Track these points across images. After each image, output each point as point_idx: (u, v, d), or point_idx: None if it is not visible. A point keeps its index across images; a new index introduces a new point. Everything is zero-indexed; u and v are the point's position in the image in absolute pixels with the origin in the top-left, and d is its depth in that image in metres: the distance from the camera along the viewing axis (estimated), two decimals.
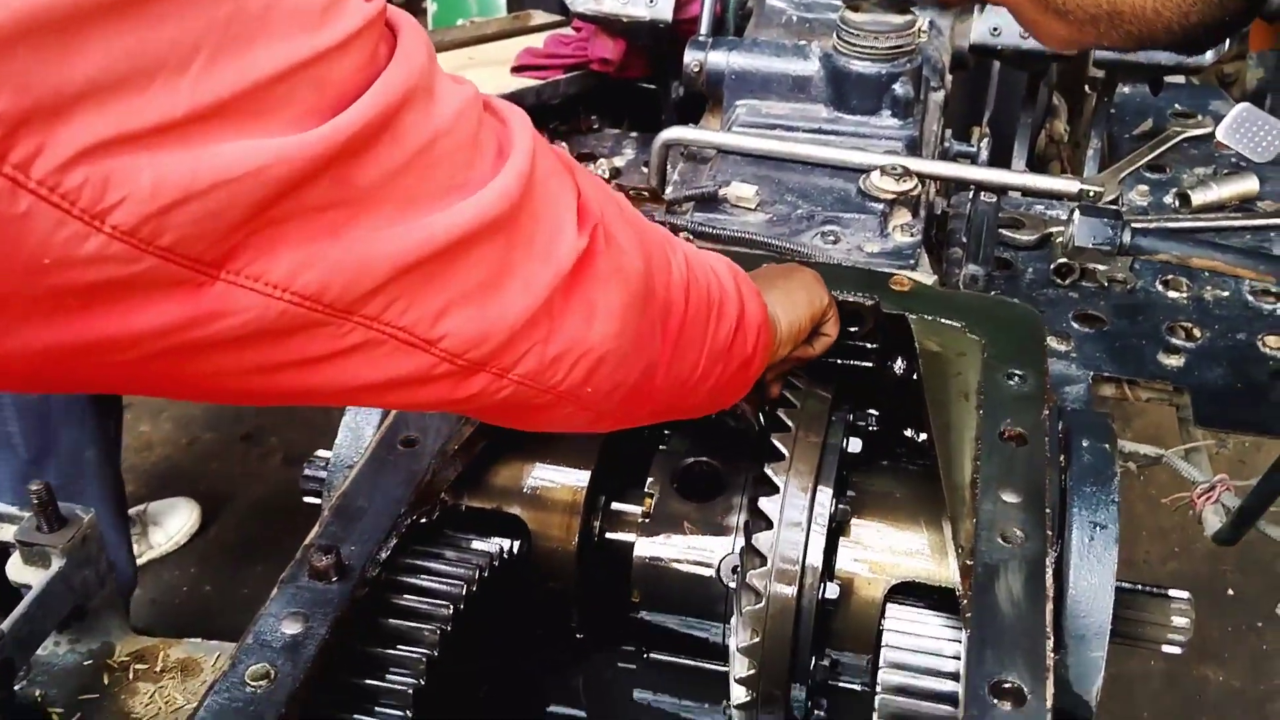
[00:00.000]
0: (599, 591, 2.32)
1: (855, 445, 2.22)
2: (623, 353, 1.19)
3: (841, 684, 2.24)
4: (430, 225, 0.89)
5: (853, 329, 2.49)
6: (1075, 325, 3.06)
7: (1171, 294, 3.16)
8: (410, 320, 0.93)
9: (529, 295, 1.02)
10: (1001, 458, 2.08)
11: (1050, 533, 1.94)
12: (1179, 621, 2.17)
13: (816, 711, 2.21)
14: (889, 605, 2.12)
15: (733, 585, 2.19)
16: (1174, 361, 3.07)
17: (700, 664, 2.33)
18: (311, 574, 1.87)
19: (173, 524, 4.27)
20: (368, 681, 1.86)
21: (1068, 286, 3.09)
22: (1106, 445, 2.23)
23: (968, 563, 1.89)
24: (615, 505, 2.35)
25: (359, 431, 2.25)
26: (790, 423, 2.17)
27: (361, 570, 1.90)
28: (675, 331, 1.33)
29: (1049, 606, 1.80)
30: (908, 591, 2.14)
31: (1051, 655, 1.72)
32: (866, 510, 2.21)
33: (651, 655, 2.34)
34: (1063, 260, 3.04)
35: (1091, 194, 2.77)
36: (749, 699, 2.12)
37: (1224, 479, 2.89)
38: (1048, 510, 1.98)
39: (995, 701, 1.66)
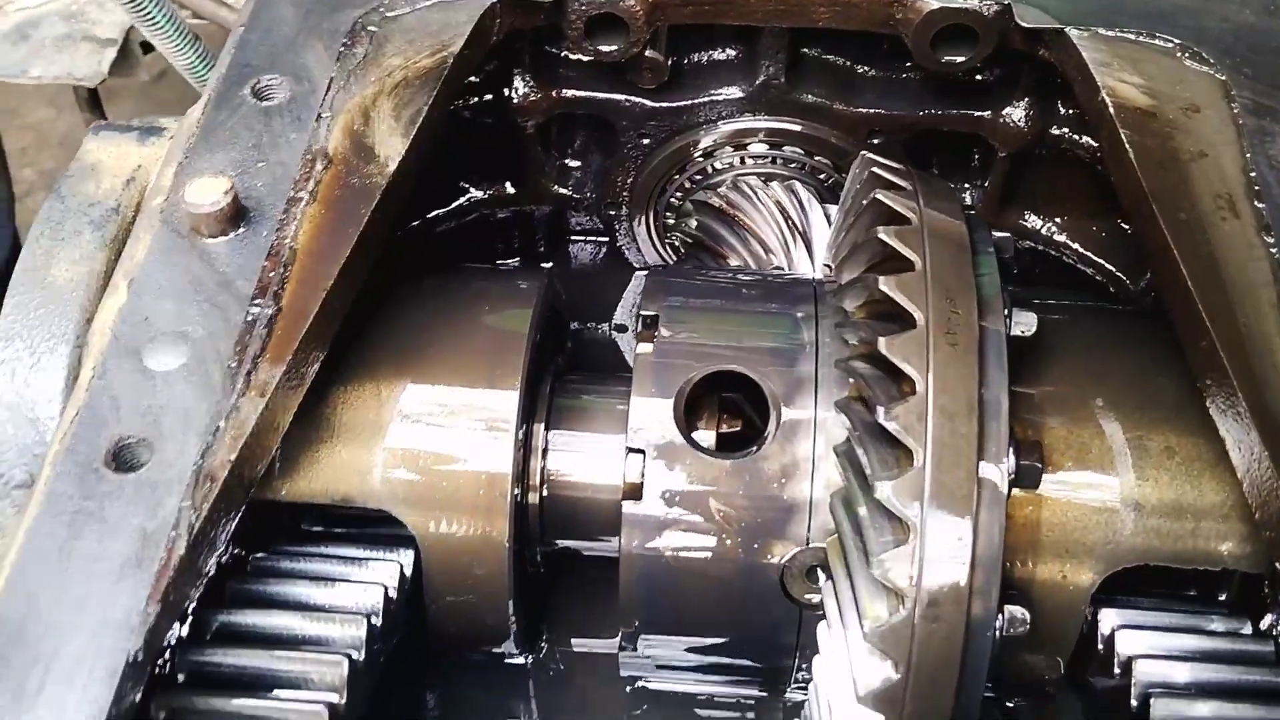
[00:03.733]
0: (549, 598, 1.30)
1: (1026, 323, 1.15)
2: None
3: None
4: None
5: (954, 57, 1.35)
6: None
7: None
8: None
9: None
10: None
11: None
12: None
13: None
14: (1107, 612, 1.14)
15: (811, 601, 1.18)
16: None
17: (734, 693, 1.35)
18: None
19: None
20: None
21: None
22: None
23: None
24: (566, 459, 1.29)
25: (24, 410, 1.09)
26: (912, 306, 1.08)
27: None
28: None
29: None
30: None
31: None
32: (1048, 436, 1.18)
33: (647, 685, 1.36)
34: None
35: None
36: None
37: None
38: None
39: None
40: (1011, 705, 1.33)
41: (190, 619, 1.00)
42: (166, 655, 0.97)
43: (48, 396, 1.07)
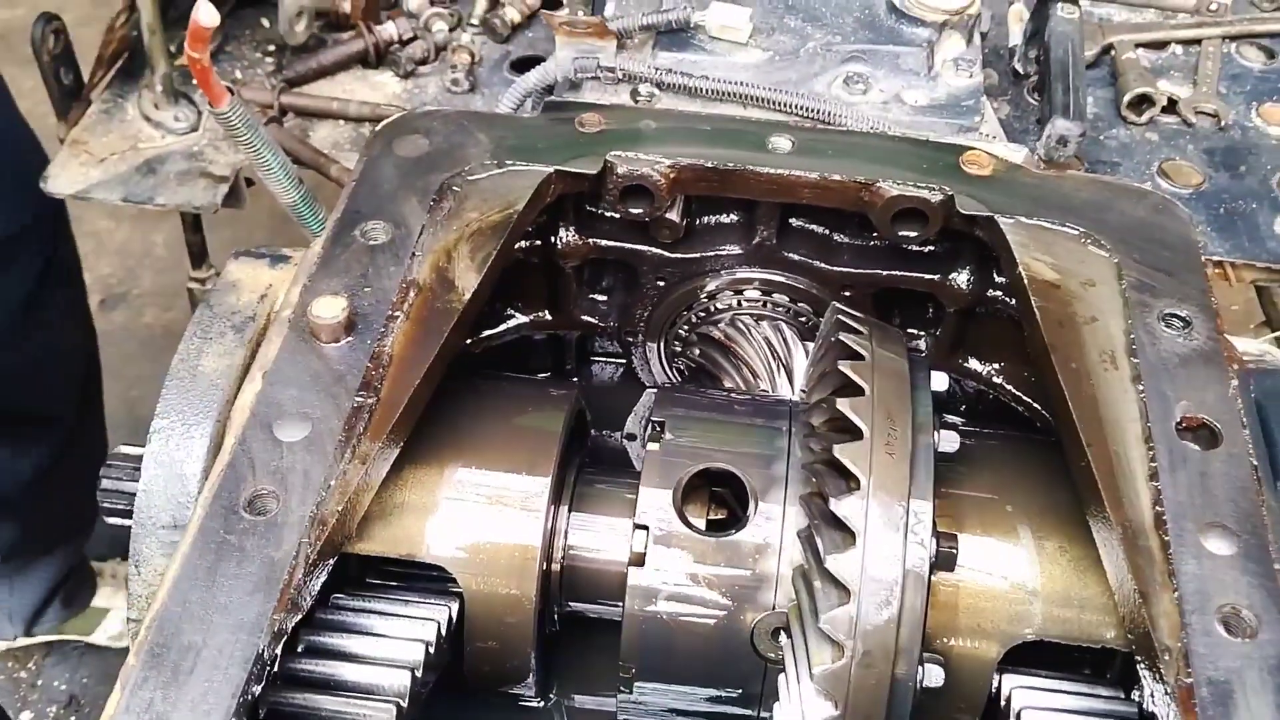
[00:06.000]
0: (566, 651, 1.59)
1: (950, 441, 1.47)
2: None
3: None
4: None
5: (909, 232, 1.70)
6: (1161, 183, 2.30)
7: (1275, 129, 2.41)
8: None
9: None
10: (1190, 471, 1.36)
11: None
12: None
13: None
14: (1008, 677, 1.43)
15: (774, 657, 1.47)
16: None
17: None
18: None
19: None
20: None
21: (1144, 124, 2.32)
22: None
23: (1184, 678, 1.19)
24: (583, 536, 1.59)
25: (175, 468, 1.40)
26: (860, 422, 1.40)
27: None
28: None
29: None
30: (1027, 656, 1.46)
31: None
32: (965, 531, 1.49)
33: None
34: (1141, 90, 2.25)
35: None
36: None
37: None
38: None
39: None
40: None
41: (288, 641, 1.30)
42: (276, 662, 1.27)
43: (194, 458, 1.39)
